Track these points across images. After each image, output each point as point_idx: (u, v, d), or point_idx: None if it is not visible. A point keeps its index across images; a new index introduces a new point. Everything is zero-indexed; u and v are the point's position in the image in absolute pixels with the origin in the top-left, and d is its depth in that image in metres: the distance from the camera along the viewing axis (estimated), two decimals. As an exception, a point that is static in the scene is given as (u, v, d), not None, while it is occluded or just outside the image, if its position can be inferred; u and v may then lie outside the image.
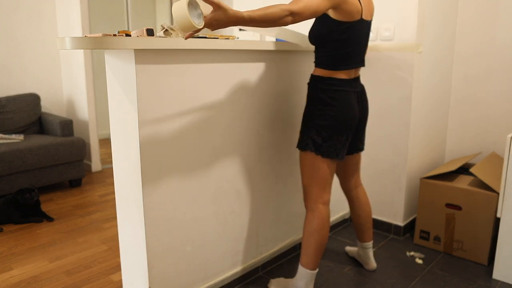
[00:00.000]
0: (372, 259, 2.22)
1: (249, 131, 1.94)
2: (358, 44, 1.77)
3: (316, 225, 1.80)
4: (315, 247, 1.81)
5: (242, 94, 1.87)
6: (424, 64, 2.47)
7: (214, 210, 1.85)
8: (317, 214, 1.81)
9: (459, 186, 2.28)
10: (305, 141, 1.79)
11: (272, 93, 2.01)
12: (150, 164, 1.55)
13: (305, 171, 1.82)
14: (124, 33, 1.41)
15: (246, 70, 1.86)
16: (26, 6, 3.76)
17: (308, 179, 1.82)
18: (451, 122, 2.89)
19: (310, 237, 1.82)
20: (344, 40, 1.71)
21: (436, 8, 2.50)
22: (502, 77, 2.64)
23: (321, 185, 1.81)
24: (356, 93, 1.82)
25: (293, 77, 2.12)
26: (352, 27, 1.69)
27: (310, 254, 1.82)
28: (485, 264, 2.25)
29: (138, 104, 1.47)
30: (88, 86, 3.84)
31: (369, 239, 2.19)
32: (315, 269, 1.84)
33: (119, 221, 1.72)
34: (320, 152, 1.76)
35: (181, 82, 1.60)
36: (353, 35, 1.72)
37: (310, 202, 1.83)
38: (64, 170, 3.45)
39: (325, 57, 1.75)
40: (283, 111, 2.10)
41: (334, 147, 1.76)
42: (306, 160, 1.80)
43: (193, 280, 1.81)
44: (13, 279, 2.14)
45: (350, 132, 1.80)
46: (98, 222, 2.85)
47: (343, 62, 1.75)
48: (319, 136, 1.75)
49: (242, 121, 1.89)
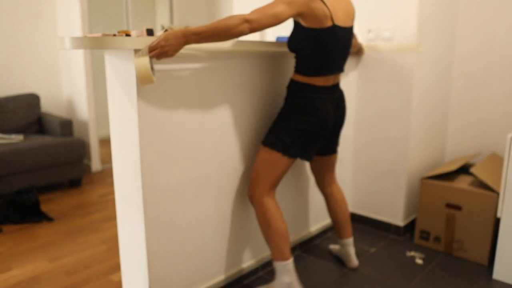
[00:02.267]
0: (353, 257, 2.21)
1: (249, 131, 1.94)
2: (334, 51, 1.76)
3: (270, 217, 1.80)
4: (278, 238, 1.80)
5: (243, 94, 1.87)
6: (424, 64, 2.47)
7: (214, 210, 1.85)
8: (266, 207, 1.81)
9: (459, 186, 2.28)
10: (273, 139, 1.80)
11: (272, 93, 2.01)
12: (150, 164, 1.55)
13: (263, 166, 1.82)
14: (124, 33, 1.41)
15: (246, 70, 1.86)
16: (26, 6, 3.76)
17: (262, 174, 1.81)
18: (451, 122, 2.89)
19: (269, 230, 1.81)
20: (318, 47, 1.71)
21: (436, 9, 2.50)
22: (503, 77, 2.64)
23: (274, 182, 1.83)
24: (333, 100, 1.85)
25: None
26: (324, 34, 1.69)
27: (276, 246, 1.81)
28: (485, 264, 2.25)
29: (138, 104, 1.47)
30: (88, 86, 3.84)
31: (348, 236, 2.19)
32: (289, 259, 1.82)
33: (119, 221, 1.71)
34: (287, 152, 1.78)
35: (181, 82, 1.60)
36: (327, 41, 1.71)
37: (256, 196, 1.83)
38: (64, 170, 3.45)
39: (302, 63, 1.78)
40: (283, 111, 2.10)
41: (302, 149, 1.80)
42: (268, 157, 1.80)
43: (193, 280, 1.81)
44: (12, 279, 2.14)
45: (321, 138, 1.83)
46: (98, 222, 2.85)
47: (319, 69, 1.76)
48: (288, 137, 1.77)
49: (242, 120, 1.89)
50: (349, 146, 2.68)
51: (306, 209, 2.43)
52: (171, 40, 1.37)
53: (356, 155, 2.70)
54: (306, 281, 2.10)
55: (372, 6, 2.48)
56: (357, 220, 2.75)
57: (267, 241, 1.84)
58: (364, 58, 2.55)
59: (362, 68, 2.57)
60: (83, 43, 1.32)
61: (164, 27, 1.67)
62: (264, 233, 1.83)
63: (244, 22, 1.48)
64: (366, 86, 2.58)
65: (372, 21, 2.49)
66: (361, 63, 2.58)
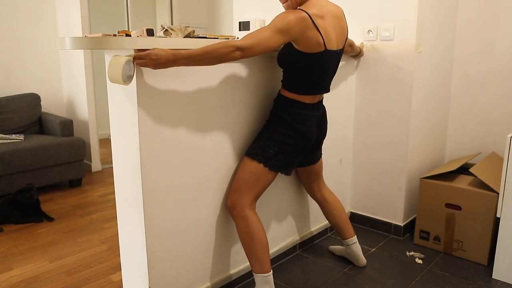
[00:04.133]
0: (361, 255, 2.21)
1: (249, 131, 1.94)
2: (324, 73, 1.79)
3: (252, 230, 1.78)
4: (260, 250, 1.78)
5: (243, 94, 1.87)
6: (424, 64, 2.47)
7: (214, 210, 1.85)
8: (248, 220, 1.78)
9: (459, 186, 2.28)
10: (256, 150, 1.80)
11: (272, 94, 2.01)
12: (150, 164, 1.55)
13: (245, 178, 1.80)
14: (124, 33, 1.41)
15: (246, 70, 1.86)
16: (26, 6, 3.76)
17: (243, 186, 1.80)
18: (451, 122, 2.89)
19: (251, 243, 1.78)
20: (308, 69, 1.73)
21: (436, 10, 2.50)
22: (502, 78, 2.64)
23: (255, 194, 1.82)
24: (317, 117, 1.88)
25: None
26: (316, 58, 1.70)
27: (259, 259, 1.79)
28: (485, 264, 2.25)
29: (138, 104, 1.47)
30: (88, 86, 3.84)
31: (351, 235, 2.20)
32: (269, 271, 1.81)
33: (119, 221, 1.72)
34: (268, 164, 1.78)
35: (181, 82, 1.60)
36: (318, 65, 1.73)
37: (238, 209, 1.80)
38: (64, 170, 3.45)
39: (291, 81, 1.79)
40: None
41: (283, 162, 1.81)
42: (250, 168, 1.80)
43: (193, 280, 1.81)
44: (13, 279, 2.14)
45: (302, 153, 1.85)
46: (98, 222, 2.85)
47: (308, 89, 1.79)
48: (271, 149, 1.78)
49: (242, 121, 1.89)
50: (349, 146, 2.68)
51: (306, 209, 2.43)
52: (161, 59, 1.37)
53: (356, 155, 2.70)
54: (306, 281, 2.10)
55: (372, 6, 2.48)
56: (357, 220, 2.76)
57: (249, 254, 1.80)
58: (364, 58, 2.55)
59: (362, 69, 2.58)
60: (83, 43, 1.32)
61: (164, 27, 1.67)
62: (246, 246, 1.80)
63: (236, 50, 1.50)
64: (366, 86, 2.58)
65: (372, 21, 2.49)
66: (361, 63, 2.58)
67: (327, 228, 2.61)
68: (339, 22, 1.77)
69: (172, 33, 1.66)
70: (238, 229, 1.81)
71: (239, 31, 3.28)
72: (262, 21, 3.16)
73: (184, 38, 1.59)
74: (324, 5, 1.70)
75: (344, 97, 2.55)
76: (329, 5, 1.73)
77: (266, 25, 1.63)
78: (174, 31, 1.66)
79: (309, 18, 1.61)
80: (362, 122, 2.63)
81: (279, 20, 1.59)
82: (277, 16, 1.61)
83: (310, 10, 1.63)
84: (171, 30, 1.67)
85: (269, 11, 3.11)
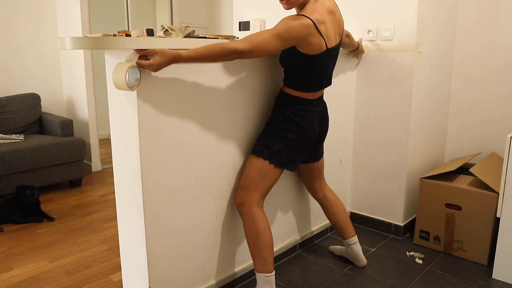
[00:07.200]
0: (361, 255, 2.21)
1: (250, 132, 1.94)
2: (326, 70, 1.80)
3: (259, 229, 1.78)
4: (265, 249, 1.78)
5: (243, 94, 1.87)
6: (424, 64, 2.47)
7: (214, 210, 1.85)
8: (256, 217, 1.79)
9: (459, 186, 2.28)
10: (261, 147, 1.81)
11: (272, 93, 2.01)
12: (150, 164, 1.55)
13: (252, 176, 1.81)
14: (124, 33, 1.41)
15: (246, 70, 1.86)
16: (26, 6, 3.76)
17: (251, 184, 1.81)
18: (451, 122, 2.89)
19: (257, 242, 1.78)
20: (311, 69, 1.74)
21: (436, 9, 2.50)
22: (502, 78, 2.64)
23: (263, 191, 1.83)
24: (319, 113, 1.89)
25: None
26: (318, 58, 1.72)
27: (263, 258, 1.79)
28: (485, 264, 2.25)
29: (138, 104, 1.47)
30: (88, 86, 3.85)
31: (352, 234, 2.20)
32: (272, 272, 1.81)
33: (119, 221, 1.72)
34: (273, 161, 1.79)
35: (181, 82, 1.60)
36: (320, 64, 1.74)
37: (246, 206, 1.80)
38: (64, 170, 3.45)
39: (294, 80, 1.80)
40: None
41: (287, 158, 1.82)
42: (256, 165, 1.81)
43: (193, 280, 1.81)
44: (13, 279, 2.14)
45: (306, 148, 1.87)
46: (98, 222, 2.85)
47: (311, 86, 1.81)
48: (275, 146, 1.79)
49: (242, 121, 1.89)
50: (349, 146, 2.68)
51: (307, 208, 2.43)
52: (162, 62, 1.40)
53: (356, 156, 2.70)
54: (306, 281, 2.10)
55: (372, 6, 2.48)
56: (357, 220, 2.76)
57: (253, 252, 1.80)
58: (364, 58, 2.55)
59: (362, 68, 2.58)
60: (83, 43, 1.32)
61: (164, 27, 1.67)
62: (251, 244, 1.80)
63: (233, 53, 1.52)
64: (366, 86, 2.58)
65: (372, 21, 2.49)
66: (361, 63, 2.58)
67: (327, 228, 2.61)
68: (334, 16, 1.76)
69: (172, 33, 1.66)
70: (244, 227, 1.82)
71: (239, 31, 3.28)
72: (262, 21, 3.15)
73: (184, 38, 1.59)
74: (322, 4, 1.69)
75: (344, 97, 2.55)
76: (325, 2, 1.71)
77: (265, 25, 1.64)
78: (174, 31, 1.66)
79: (313, 25, 1.61)
80: (362, 122, 2.63)
81: (282, 26, 1.58)
82: (281, 21, 1.60)
83: (313, 15, 1.62)
84: (171, 30, 1.67)
85: (269, 11, 3.10)
